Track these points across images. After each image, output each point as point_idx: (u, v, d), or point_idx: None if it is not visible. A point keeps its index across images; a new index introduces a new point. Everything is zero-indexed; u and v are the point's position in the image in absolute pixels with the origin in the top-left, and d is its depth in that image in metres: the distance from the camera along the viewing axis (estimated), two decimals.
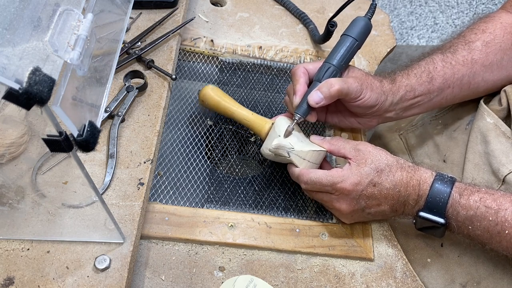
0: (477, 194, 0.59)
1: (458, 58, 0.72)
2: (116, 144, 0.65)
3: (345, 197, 0.63)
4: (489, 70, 0.72)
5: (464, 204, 0.59)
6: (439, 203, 0.60)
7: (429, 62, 0.72)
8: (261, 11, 0.95)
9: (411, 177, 0.62)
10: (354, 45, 0.70)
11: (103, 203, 0.51)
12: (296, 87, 0.68)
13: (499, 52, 0.72)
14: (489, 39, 0.72)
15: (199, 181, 0.71)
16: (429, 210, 0.60)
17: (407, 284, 0.65)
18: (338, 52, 0.69)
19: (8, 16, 0.35)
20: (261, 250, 0.65)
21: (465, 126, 0.74)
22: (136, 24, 0.81)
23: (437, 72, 0.71)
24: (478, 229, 0.59)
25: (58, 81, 0.35)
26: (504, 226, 0.57)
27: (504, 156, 0.67)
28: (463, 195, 0.60)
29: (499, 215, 0.57)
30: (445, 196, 0.59)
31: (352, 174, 0.62)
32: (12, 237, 0.56)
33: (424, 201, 0.61)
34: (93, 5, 0.42)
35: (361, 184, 0.61)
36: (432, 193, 0.60)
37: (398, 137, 0.86)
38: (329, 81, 0.66)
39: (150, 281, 0.60)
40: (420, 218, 0.61)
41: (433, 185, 0.60)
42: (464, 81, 0.72)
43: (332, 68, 0.68)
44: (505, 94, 0.71)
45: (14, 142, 0.56)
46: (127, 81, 0.73)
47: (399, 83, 0.71)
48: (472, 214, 0.59)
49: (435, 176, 0.61)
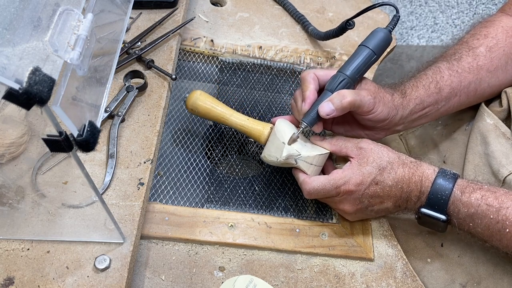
0: (479, 192, 0.59)
1: (464, 66, 0.71)
2: (116, 144, 0.65)
3: (348, 197, 0.63)
4: (494, 75, 0.72)
5: (465, 202, 0.59)
6: (440, 200, 0.60)
7: (436, 71, 0.71)
8: (261, 11, 0.95)
9: (413, 173, 0.62)
10: (372, 57, 0.67)
11: (103, 203, 0.51)
12: (306, 94, 0.66)
13: (503, 57, 0.72)
14: (492, 44, 0.72)
15: (199, 181, 0.71)
16: (431, 206, 0.60)
17: (407, 284, 0.65)
18: (354, 63, 0.66)
19: (8, 16, 0.35)
20: (261, 250, 0.65)
21: (465, 127, 0.74)
22: (136, 24, 0.81)
23: (444, 82, 0.70)
24: (479, 227, 0.59)
25: (58, 81, 0.35)
26: (505, 225, 0.57)
27: (504, 157, 0.67)
28: (465, 192, 0.59)
29: (500, 213, 0.57)
30: (447, 194, 0.59)
31: (354, 174, 0.62)
32: (12, 237, 0.56)
33: (426, 198, 0.61)
34: (93, 5, 0.42)
35: (363, 183, 0.61)
36: (433, 190, 0.60)
37: (398, 138, 0.86)
38: (342, 93, 0.64)
39: (150, 281, 0.60)
40: (422, 214, 0.61)
41: (435, 181, 0.60)
42: (471, 88, 0.72)
43: (346, 79, 0.65)
44: (505, 95, 0.71)
45: (14, 142, 0.56)
46: (127, 81, 0.73)
47: (409, 96, 0.69)
48: (473, 212, 0.59)
49: (437, 173, 0.61)
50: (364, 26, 0.95)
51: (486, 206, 0.58)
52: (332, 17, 0.97)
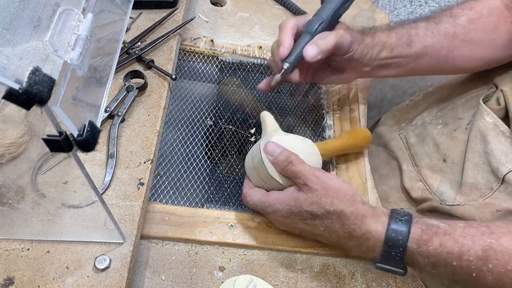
0: (436, 239, 0.54)
1: (441, 29, 0.73)
2: (116, 144, 0.65)
3: (277, 222, 0.64)
4: (468, 46, 0.73)
5: (424, 253, 0.54)
6: (395, 257, 0.55)
7: (412, 27, 0.73)
8: (261, 11, 0.95)
9: (355, 229, 0.57)
10: (346, 0, 0.69)
11: (103, 203, 0.51)
12: (282, 38, 0.66)
13: (481, 32, 0.73)
14: (475, 17, 0.73)
15: (199, 181, 0.71)
16: (386, 262, 0.57)
17: (407, 284, 0.65)
18: (330, 5, 0.68)
19: (8, 16, 0.35)
20: (261, 250, 0.65)
21: (465, 126, 0.74)
22: (136, 24, 0.81)
23: (417, 38, 0.72)
24: (444, 274, 0.55)
25: (58, 81, 0.35)
26: (470, 270, 0.52)
27: (503, 155, 0.67)
28: (421, 245, 0.55)
29: (463, 259, 0.53)
30: (402, 250, 0.55)
31: (283, 208, 0.60)
32: (12, 237, 0.56)
33: (380, 254, 0.57)
34: (93, 5, 0.42)
35: (290, 218, 0.60)
36: (386, 247, 0.55)
37: (398, 136, 0.86)
38: (324, 35, 0.65)
39: (150, 281, 0.60)
40: (378, 268, 0.58)
41: (386, 238, 0.55)
42: (443, 52, 0.73)
43: (324, 22, 0.67)
44: (502, 94, 0.71)
45: (14, 142, 0.56)
46: (127, 81, 0.73)
47: (378, 39, 0.72)
48: (434, 261, 0.54)
49: (387, 225, 0.56)
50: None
51: (446, 254, 0.53)
52: None
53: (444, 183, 0.73)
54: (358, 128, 0.78)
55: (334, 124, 0.81)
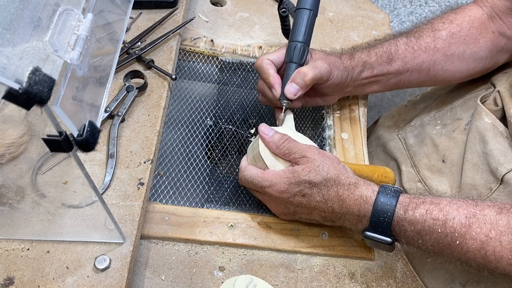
0: (423, 207, 0.56)
1: (421, 44, 0.74)
2: (116, 144, 0.65)
3: (273, 200, 0.64)
4: (449, 60, 0.74)
5: (410, 220, 0.56)
6: (383, 222, 0.57)
7: (392, 43, 0.74)
8: (261, 11, 0.95)
9: (349, 195, 0.59)
10: (311, 15, 0.71)
11: (103, 203, 0.51)
12: (270, 80, 0.69)
13: (462, 45, 0.73)
14: (455, 30, 0.74)
15: (199, 181, 0.71)
16: (374, 229, 0.58)
17: (407, 284, 0.65)
18: (300, 27, 0.70)
19: (8, 16, 0.35)
20: (261, 250, 0.65)
21: (464, 126, 0.74)
22: (136, 24, 0.81)
23: (398, 55, 0.73)
24: (428, 242, 0.56)
25: (58, 81, 0.35)
26: (454, 237, 0.54)
27: (502, 155, 0.67)
28: (408, 210, 0.57)
29: (447, 226, 0.54)
30: (389, 215, 0.57)
31: (281, 181, 0.61)
32: (12, 237, 0.56)
33: (368, 221, 0.58)
34: (93, 5, 0.42)
35: (287, 192, 0.61)
36: (375, 212, 0.58)
37: (396, 137, 0.86)
38: (301, 71, 0.67)
39: (150, 281, 0.60)
40: (366, 237, 0.59)
41: (375, 203, 0.58)
42: (424, 67, 0.74)
43: (301, 45, 0.70)
44: (499, 95, 0.71)
45: (14, 142, 0.56)
46: (127, 81, 0.73)
47: (358, 59, 0.73)
48: (420, 228, 0.56)
49: (377, 193, 0.59)
50: (364, 26, 0.95)
51: (432, 220, 0.55)
52: (332, 17, 0.97)
53: (443, 183, 0.73)
54: (383, 167, 0.73)
55: (334, 124, 0.81)
